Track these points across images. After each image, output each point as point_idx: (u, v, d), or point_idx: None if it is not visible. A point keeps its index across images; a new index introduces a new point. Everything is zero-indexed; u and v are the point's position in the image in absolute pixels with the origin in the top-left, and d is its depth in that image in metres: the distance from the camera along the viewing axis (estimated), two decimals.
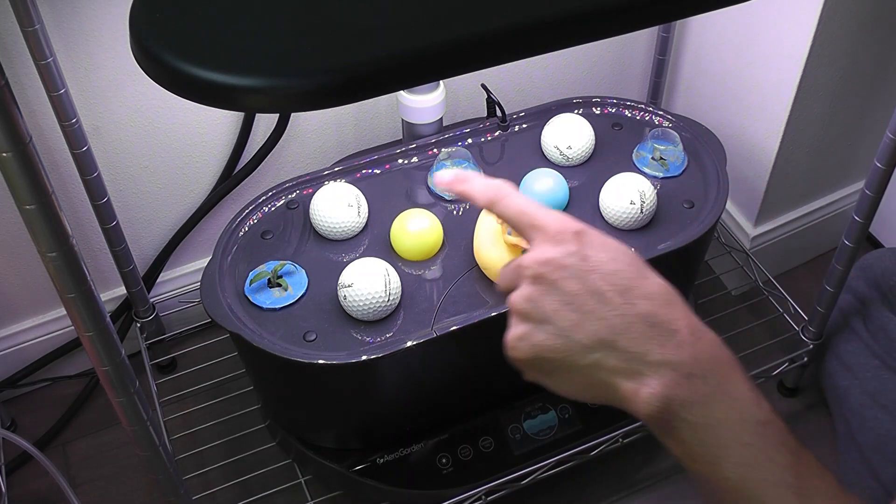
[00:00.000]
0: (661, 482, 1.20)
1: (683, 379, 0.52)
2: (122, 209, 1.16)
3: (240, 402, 1.16)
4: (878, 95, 1.27)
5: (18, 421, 1.27)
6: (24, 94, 1.03)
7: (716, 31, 1.27)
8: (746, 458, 0.52)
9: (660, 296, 0.54)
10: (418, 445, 1.05)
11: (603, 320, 0.52)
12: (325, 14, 0.52)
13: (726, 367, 0.53)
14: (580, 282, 0.52)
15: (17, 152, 0.53)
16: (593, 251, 0.53)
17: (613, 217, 1.01)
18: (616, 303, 0.52)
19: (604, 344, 0.52)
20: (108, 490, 1.20)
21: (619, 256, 0.54)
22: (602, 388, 0.53)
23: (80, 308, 0.63)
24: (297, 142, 1.23)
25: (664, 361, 0.52)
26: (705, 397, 0.52)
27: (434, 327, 0.92)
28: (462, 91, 1.26)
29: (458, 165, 1.05)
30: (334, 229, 1.00)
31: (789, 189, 1.32)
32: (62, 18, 1.00)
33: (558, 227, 0.54)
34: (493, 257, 0.94)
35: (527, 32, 0.53)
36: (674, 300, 0.54)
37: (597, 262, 0.53)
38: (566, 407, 1.09)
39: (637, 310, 0.52)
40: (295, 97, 0.50)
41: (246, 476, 1.10)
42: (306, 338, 0.91)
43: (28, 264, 1.18)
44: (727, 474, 0.52)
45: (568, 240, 0.54)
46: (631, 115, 1.15)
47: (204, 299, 0.93)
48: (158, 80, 0.50)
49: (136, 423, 0.76)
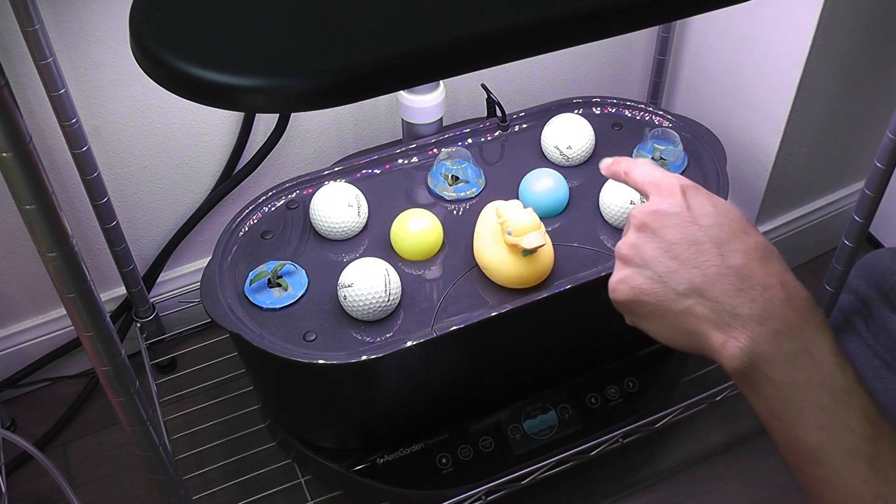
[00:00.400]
0: (661, 482, 1.20)
1: (771, 335, 0.53)
2: (122, 209, 1.16)
3: (240, 402, 1.16)
4: (878, 95, 1.27)
5: (18, 421, 1.27)
6: (24, 94, 1.03)
7: (716, 31, 1.27)
8: (824, 423, 0.52)
9: (756, 251, 0.55)
10: (418, 445, 1.05)
11: (697, 269, 0.54)
12: (325, 14, 0.52)
13: (815, 328, 0.54)
14: (680, 231, 0.55)
15: (17, 152, 0.53)
16: (697, 204, 0.56)
17: (613, 217, 1.01)
18: (711, 253, 0.54)
19: (697, 292, 0.54)
20: (108, 490, 1.20)
21: (722, 211, 0.56)
22: (693, 336, 0.56)
23: (80, 308, 0.63)
24: (297, 142, 1.23)
25: (753, 316, 0.53)
26: (790, 356, 0.52)
27: (434, 327, 0.92)
28: (462, 91, 1.26)
29: (458, 165, 1.05)
30: (334, 229, 1.00)
31: (789, 189, 1.32)
32: (62, 18, 1.00)
33: (669, 183, 0.58)
34: (493, 257, 0.94)
35: (527, 32, 0.53)
36: (771, 257, 0.55)
37: (699, 215, 0.56)
38: (566, 407, 1.09)
39: (731, 262, 0.54)
40: (295, 97, 0.50)
41: (246, 476, 1.10)
42: (306, 338, 0.91)
43: (28, 264, 1.18)
44: (803, 436, 0.53)
45: (675, 193, 0.57)
46: (631, 115, 1.15)
47: (204, 299, 0.93)
48: (158, 80, 0.51)
49: (136, 423, 0.76)
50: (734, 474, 1.19)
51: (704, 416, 1.22)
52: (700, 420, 1.23)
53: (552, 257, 0.96)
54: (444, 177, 1.05)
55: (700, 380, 1.18)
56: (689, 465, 1.21)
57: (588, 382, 1.11)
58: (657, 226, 0.56)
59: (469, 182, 1.05)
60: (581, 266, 0.98)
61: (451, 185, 1.05)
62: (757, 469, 1.19)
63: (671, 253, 0.55)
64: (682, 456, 1.22)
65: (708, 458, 1.22)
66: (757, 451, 1.21)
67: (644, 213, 0.57)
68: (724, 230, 0.55)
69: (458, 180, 1.05)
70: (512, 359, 1.04)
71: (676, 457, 1.22)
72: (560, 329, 1.03)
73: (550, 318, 1.00)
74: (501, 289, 0.95)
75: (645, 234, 0.57)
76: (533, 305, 0.94)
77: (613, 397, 1.10)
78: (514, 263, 0.93)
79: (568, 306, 0.98)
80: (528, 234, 0.90)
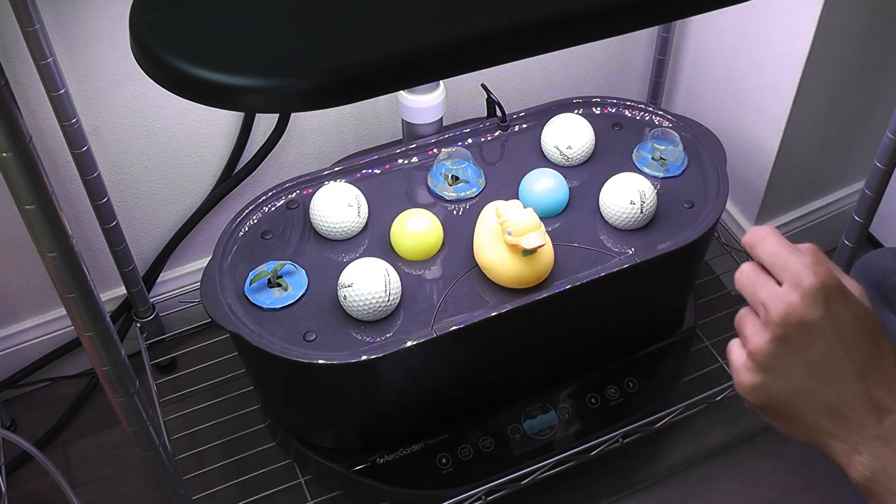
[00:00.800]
0: (661, 482, 1.20)
1: (892, 453, 0.55)
2: (122, 209, 1.17)
3: (240, 402, 1.16)
4: (878, 95, 1.27)
5: (18, 421, 1.27)
6: (24, 94, 1.03)
7: (716, 31, 1.27)
8: None
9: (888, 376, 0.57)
10: (418, 445, 1.05)
11: (835, 391, 0.56)
12: (325, 14, 0.52)
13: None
14: (823, 350, 0.55)
15: (17, 152, 0.53)
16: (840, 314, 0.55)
17: (613, 217, 1.01)
18: (852, 379, 0.56)
19: (830, 412, 0.56)
20: (108, 490, 1.20)
21: (861, 320, 0.56)
22: (817, 441, 0.58)
23: (80, 308, 0.64)
24: (297, 142, 1.23)
25: (880, 436, 0.55)
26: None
27: (434, 327, 0.92)
28: (462, 91, 1.26)
29: (458, 165, 1.05)
30: (334, 229, 1.00)
31: (789, 189, 1.32)
32: (62, 18, 1.00)
33: (809, 281, 0.55)
34: (493, 257, 0.94)
35: (527, 32, 0.53)
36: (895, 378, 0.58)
37: (842, 331, 0.55)
38: (566, 407, 1.09)
39: (871, 392, 0.56)
40: (295, 97, 0.50)
41: (246, 476, 1.10)
42: (306, 338, 0.92)
43: (28, 264, 1.18)
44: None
45: (817, 298, 0.55)
46: (631, 115, 1.15)
47: (204, 299, 0.93)
48: (158, 80, 0.51)
49: (136, 423, 0.76)
50: (734, 474, 1.19)
51: (704, 416, 1.22)
52: (700, 420, 1.23)
53: (552, 257, 0.96)
54: (444, 177, 1.05)
55: (700, 380, 1.18)
56: (689, 465, 1.21)
57: (588, 382, 1.11)
58: (801, 341, 0.55)
59: (469, 182, 1.05)
60: (581, 266, 0.98)
61: (451, 185, 1.05)
62: (757, 469, 1.19)
63: (812, 371, 0.56)
64: (682, 456, 1.22)
65: (708, 458, 1.22)
66: (757, 451, 1.21)
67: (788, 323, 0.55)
68: (865, 349, 0.56)
69: (458, 180, 1.05)
70: (512, 359, 1.04)
71: (676, 457, 1.22)
72: (560, 329, 1.03)
73: (550, 318, 1.00)
74: (501, 289, 0.95)
75: (787, 347, 0.56)
76: (533, 305, 0.94)
77: (613, 397, 1.10)
78: (514, 263, 0.93)
79: (568, 306, 0.98)
80: (528, 234, 0.90)
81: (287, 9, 0.53)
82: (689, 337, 1.17)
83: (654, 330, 1.15)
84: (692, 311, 1.18)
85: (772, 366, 0.56)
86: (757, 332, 0.56)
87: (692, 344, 1.17)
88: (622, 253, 0.99)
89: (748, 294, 0.58)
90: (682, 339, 1.16)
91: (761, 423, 0.61)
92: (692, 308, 1.18)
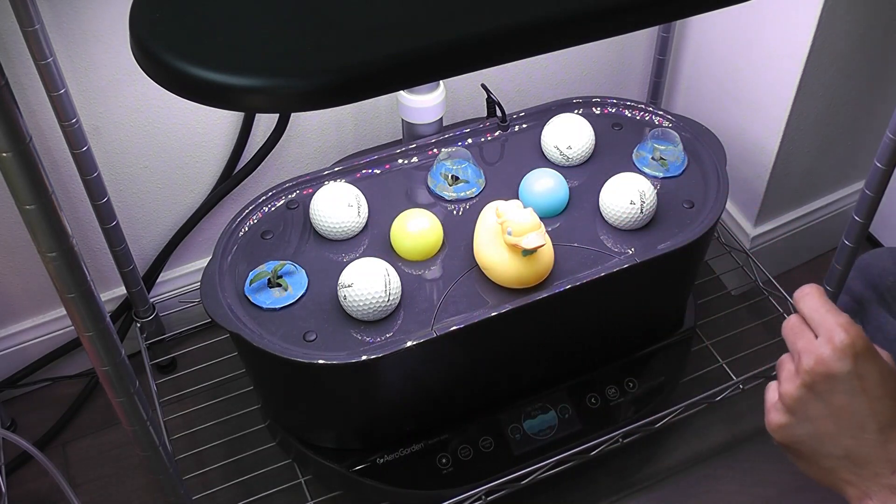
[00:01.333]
0: (661, 482, 1.20)
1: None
2: (122, 209, 1.17)
3: (240, 402, 1.16)
4: (878, 95, 1.27)
5: (18, 421, 1.27)
6: (24, 94, 1.03)
7: (716, 31, 1.27)
8: None
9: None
10: (418, 445, 1.05)
11: (855, 440, 0.60)
12: (325, 14, 0.52)
13: None
14: (847, 398, 0.60)
15: (17, 152, 0.53)
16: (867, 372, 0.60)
17: (613, 217, 1.01)
18: (873, 433, 0.59)
19: (848, 459, 0.60)
20: (108, 490, 1.20)
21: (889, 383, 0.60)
22: (833, 484, 0.62)
23: (80, 308, 0.63)
24: (297, 142, 1.23)
25: (889, 485, 0.59)
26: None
27: (434, 327, 0.92)
28: (462, 91, 1.26)
29: (458, 165, 1.05)
30: (334, 229, 1.00)
31: (789, 189, 1.32)
32: (62, 18, 1.00)
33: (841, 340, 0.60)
34: (493, 257, 0.94)
35: (527, 32, 0.53)
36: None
37: (869, 387, 0.59)
38: (566, 407, 1.09)
39: (887, 446, 0.59)
40: (295, 97, 0.50)
41: (246, 476, 1.10)
42: (306, 338, 0.92)
43: (28, 264, 1.18)
44: None
45: (847, 355, 0.59)
46: (631, 115, 1.15)
47: (204, 299, 0.93)
48: (158, 80, 0.51)
49: (136, 423, 0.76)
50: (734, 474, 1.19)
51: (704, 416, 1.22)
52: (700, 420, 1.23)
53: (552, 257, 0.96)
54: (444, 177, 1.05)
55: (700, 380, 1.18)
56: (689, 465, 1.21)
57: (588, 382, 1.11)
58: (825, 390, 0.60)
59: (469, 182, 1.05)
60: (581, 266, 0.98)
61: (451, 185, 1.05)
62: (757, 469, 1.19)
63: (834, 417, 0.60)
64: (682, 456, 1.22)
65: (708, 458, 1.22)
66: (757, 451, 1.21)
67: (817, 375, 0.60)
68: (888, 405, 0.59)
69: (458, 180, 1.05)
70: (512, 359, 1.04)
71: (676, 457, 1.22)
72: (560, 329, 1.03)
73: (550, 318, 1.00)
74: (501, 289, 0.95)
75: (813, 394, 0.60)
76: (533, 305, 0.94)
77: (613, 397, 1.10)
78: (514, 263, 0.93)
79: (568, 306, 0.98)
80: (528, 234, 0.90)
81: (287, 9, 0.53)
82: (689, 337, 1.17)
83: (654, 330, 1.15)
84: (692, 311, 1.18)
85: (797, 409, 0.61)
86: (789, 378, 0.62)
87: (692, 344, 1.17)
88: (622, 253, 0.99)
89: (789, 342, 0.63)
90: (682, 339, 1.16)
91: (761, 424, 0.64)
92: (692, 308, 1.18)
